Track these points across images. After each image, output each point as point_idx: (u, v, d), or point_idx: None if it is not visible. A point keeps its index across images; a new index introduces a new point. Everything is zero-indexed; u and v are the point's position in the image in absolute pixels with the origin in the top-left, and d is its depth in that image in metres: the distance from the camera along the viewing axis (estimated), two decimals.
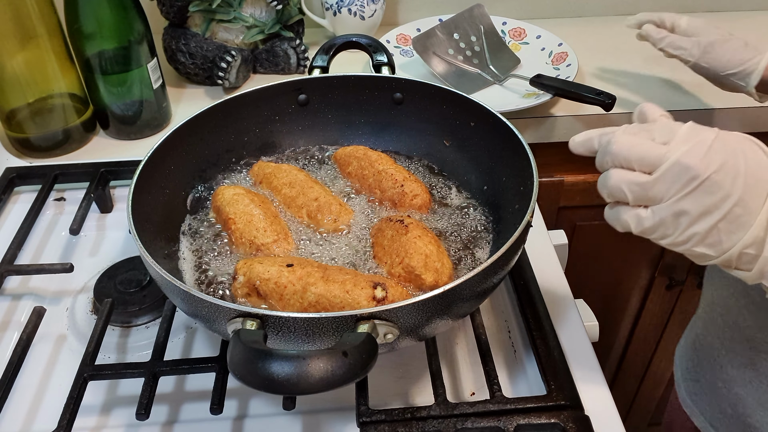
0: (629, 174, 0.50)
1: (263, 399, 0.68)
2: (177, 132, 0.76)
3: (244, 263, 0.65)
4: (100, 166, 0.92)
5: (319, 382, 0.46)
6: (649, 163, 0.49)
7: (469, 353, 0.72)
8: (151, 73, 1.02)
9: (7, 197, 0.93)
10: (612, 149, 0.51)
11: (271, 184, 0.79)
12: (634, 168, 0.50)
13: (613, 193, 0.52)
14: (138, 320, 0.75)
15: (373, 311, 0.52)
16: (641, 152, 0.49)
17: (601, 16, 1.41)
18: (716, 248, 0.49)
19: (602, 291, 1.39)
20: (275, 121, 0.86)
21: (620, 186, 0.51)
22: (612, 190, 0.52)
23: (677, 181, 0.48)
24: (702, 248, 0.50)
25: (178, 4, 1.11)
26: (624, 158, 0.50)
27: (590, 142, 0.55)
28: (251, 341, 0.49)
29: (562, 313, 0.75)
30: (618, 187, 0.51)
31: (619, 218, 0.53)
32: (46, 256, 0.87)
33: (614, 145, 0.51)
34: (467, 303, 0.60)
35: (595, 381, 0.67)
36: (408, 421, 0.59)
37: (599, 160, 0.53)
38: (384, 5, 1.29)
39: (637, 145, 0.50)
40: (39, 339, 0.72)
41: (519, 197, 0.69)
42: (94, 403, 0.68)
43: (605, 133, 0.53)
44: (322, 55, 0.89)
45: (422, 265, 0.64)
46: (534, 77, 1.09)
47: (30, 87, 0.99)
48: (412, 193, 0.76)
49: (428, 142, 0.85)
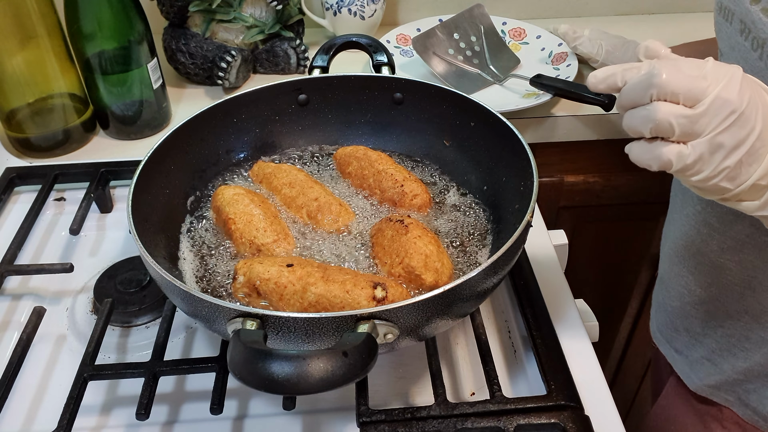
0: (677, 107, 0.49)
1: (263, 399, 0.68)
2: (177, 132, 0.76)
3: (244, 263, 0.65)
4: (100, 166, 0.92)
5: (319, 382, 0.46)
6: (694, 96, 0.48)
7: (469, 353, 0.72)
8: (151, 73, 1.02)
9: (7, 197, 0.93)
10: (660, 81, 0.49)
11: (271, 184, 0.79)
12: (679, 101, 0.49)
13: (660, 126, 0.49)
14: (138, 320, 0.75)
15: (373, 311, 0.52)
16: (688, 84, 0.48)
17: (600, 16, 1.41)
18: (735, 181, 0.50)
19: (602, 291, 1.39)
20: (275, 121, 0.86)
21: (669, 119, 0.49)
22: (660, 124, 0.49)
23: (719, 115, 0.48)
24: (725, 182, 0.50)
25: (178, 4, 1.11)
26: (672, 90, 0.49)
27: (613, 78, 0.53)
28: (251, 341, 0.49)
29: (562, 313, 0.75)
30: (667, 120, 0.49)
31: (660, 155, 0.50)
32: (46, 256, 0.87)
33: (661, 77, 0.49)
34: (467, 303, 0.60)
35: (595, 381, 0.67)
36: (408, 421, 0.59)
37: (636, 95, 0.51)
38: (384, 5, 1.29)
39: (683, 77, 0.49)
40: (39, 339, 0.72)
41: (519, 197, 0.69)
42: (94, 403, 0.68)
43: (629, 69, 0.52)
44: (322, 55, 0.89)
45: (422, 265, 0.64)
46: (534, 77, 1.09)
47: (30, 87, 0.99)
48: (412, 193, 0.76)
49: (428, 142, 0.85)
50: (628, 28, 1.24)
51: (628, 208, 1.25)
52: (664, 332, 0.91)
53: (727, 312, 0.78)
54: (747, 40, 0.64)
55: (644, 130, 0.50)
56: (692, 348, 0.85)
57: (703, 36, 1.02)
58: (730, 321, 0.78)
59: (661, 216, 1.24)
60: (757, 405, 0.78)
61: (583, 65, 1.16)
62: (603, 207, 1.24)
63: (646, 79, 0.50)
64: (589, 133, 1.11)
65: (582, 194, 1.21)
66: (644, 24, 1.37)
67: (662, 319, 0.91)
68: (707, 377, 0.83)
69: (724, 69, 0.49)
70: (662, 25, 1.37)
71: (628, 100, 0.52)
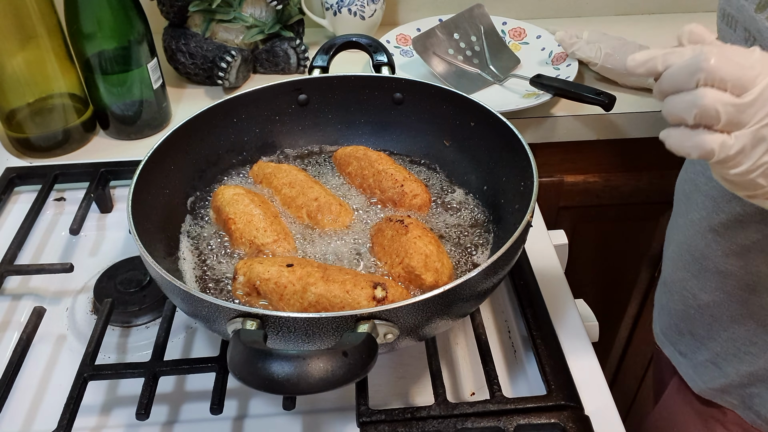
0: (725, 94, 0.47)
1: (263, 399, 0.68)
2: (177, 132, 0.76)
3: (244, 263, 0.65)
4: (100, 166, 0.92)
5: (319, 382, 0.46)
6: (742, 85, 0.47)
7: (469, 353, 0.72)
8: (151, 73, 1.02)
9: (7, 197, 0.93)
10: (710, 66, 0.47)
11: (271, 184, 0.79)
12: (727, 89, 0.47)
13: (706, 112, 0.47)
14: (138, 320, 0.75)
15: (373, 311, 0.52)
16: (738, 72, 0.47)
17: (600, 16, 1.41)
18: None
19: (602, 291, 1.39)
20: (275, 121, 0.86)
21: (716, 106, 0.47)
22: (706, 110, 0.47)
23: (765, 107, 0.47)
24: (761, 178, 0.49)
25: (178, 4, 1.11)
26: (720, 77, 0.47)
27: (653, 61, 0.51)
28: (251, 341, 0.49)
29: (562, 313, 0.75)
30: (714, 107, 0.47)
31: (702, 143, 0.48)
32: (46, 256, 0.87)
33: (710, 62, 0.47)
34: (467, 303, 0.60)
35: (595, 381, 0.67)
36: (408, 421, 0.59)
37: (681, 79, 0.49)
38: (384, 5, 1.29)
39: (731, 64, 0.47)
40: (39, 339, 0.72)
41: (519, 197, 0.69)
42: (94, 403, 0.68)
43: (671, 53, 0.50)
44: (322, 55, 0.89)
45: (422, 265, 0.64)
46: (534, 77, 1.09)
47: (30, 87, 0.99)
48: (412, 193, 0.76)
49: (428, 142, 0.85)
50: (628, 28, 1.25)
51: (628, 208, 1.25)
52: (668, 335, 0.90)
53: (731, 317, 0.77)
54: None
55: (688, 117, 0.48)
56: (696, 351, 0.84)
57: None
58: (735, 326, 0.77)
59: (661, 216, 1.25)
60: (760, 409, 0.78)
61: (583, 66, 1.16)
62: (603, 207, 1.24)
63: (694, 63, 0.47)
64: (589, 133, 1.11)
65: (582, 194, 1.21)
66: (644, 24, 1.37)
67: (666, 322, 0.91)
68: (711, 381, 0.82)
69: None
70: (662, 25, 1.37)
71: (670, 84, 0.50)
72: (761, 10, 0.61)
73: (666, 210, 0.91)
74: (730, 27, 0.67)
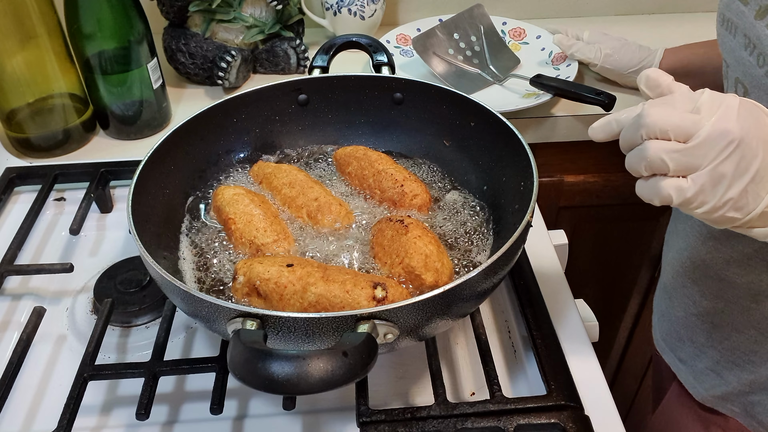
0: (667, 143, 0.49)
1: (263, 399, 0.68)
2: (177, 132, 0.76)
3: (244, 263, 0.65)
4: (100, 166, 0.92)
5: (319, 382, 0.46)
6: (685, 131, 0.49)
7: (469, 353, 0.72)
8: (151, 73, 1.02)
9: (7, 197, 0.93)
10: (647, 121, 0.50)
11: (271, 184, 0.79)
12: (669, 137, 0.49)
13: (653, 163, 0.50)
14: (138, 320, 0.75)
15: (373, 311, 0.52)
16: (677, 120, 0.49)
17: (600, 16, 1.41)
18: (743, 210, 0.50)
19: (602, 291, 1.39)
20: (275, 121, 0.86)
21: (660, 155, 0.49)
22: (651, 161, 0.50)
23: (716, 146, 0.48)
24: (732, 212, 0.50)
25: (178, 4, 1.11)
26: (660, 128, 0.49)
27: (609, 125, 0.54)
28: (251, 341, 0.49)
29: (562, 313, 0.75)
30: (658, 157, 0.49)
31: (658, 191, 0.51)
32: (46, 256, 0.87)
33: (648, 117, 0.50)
34: (467, 303, 0.60)
35: (595, 381, 0.67)
36: (408, 421, 0.59)
37: (629, 137, 0.52)
38: (384, 5, 1.29)
39: (670, 114, 0.49)
40: (39, 339, 0.72)
41: (519, 197, 0.69)
42: (94, 403, 0.68)
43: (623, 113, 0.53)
44: (322, 55, 0.89)
45: (422, 265, 0.64)
46: (534, 77, 1.09)
47: (30, 87, 0.99)
48: (412, 193, 0.76)
49: (428, 142, 0.85)
50: (628, 28, 1.25)
51: (628, 208, 1.25)
52: (668, 341, 0.90)
53: (732, 325, 0.77)
54: (752, 55, 0.63)
55: (640, 169, 0.51)
56: (697, 358, 0.84)
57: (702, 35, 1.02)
58: (736, 334, 0.77)
59: (661, 216, 1.25)
60: (762, 417, 0.78)
61: (583, 66, 1.16)
62: (603, 207, 1.24)
63: (636, 121, 0.51)
64: None
65: (582, 194, 1.21)
66: (644, 24, 1.37)
67: (666, 328, 0.91)
68: (712, 388, 0.82)
69: (718, 99, 0.49)
70: (662, 25, 1.37)
71: (625, 142, 0.53)
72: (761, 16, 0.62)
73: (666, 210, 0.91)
74: (730, 32, 0.67)
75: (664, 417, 0.95)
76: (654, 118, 0.50)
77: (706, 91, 0.51)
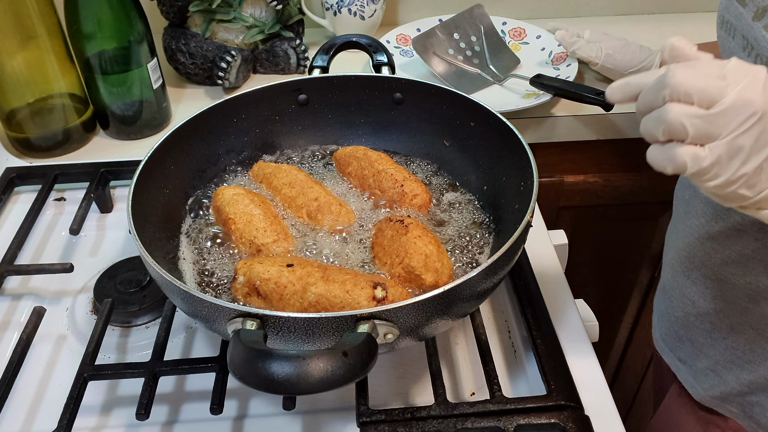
0: (689, 107, 0.47)
1: (263, 399, 0.68)
2: (177, 132, 0.76)
3: (244, 263, 0.65)
4: (100, 166, 0.92)
5: (319, 382, 0.46)
6: (710, 96, 0.47)
7: (469, 353, 0.72)
8: (151, 73, 1.02)
9: (7, 197, 0.93)
10: (672, 81, 0.47)
11: (271, 184, 0.79)
12: (693, 102, 0.47)
13: (672, 127, 0.48)
14: (138, 320, 0.75)
15: (373, 311, 0.52)
16: (702, 83, 0.47)
17: (600, 16, 1.41)
18: (755, 188, 0.49)
19: (602, 291, 1.39)
20: (275, 121, 0.86)
21: (680, 119, 0.47)
22: (671, 125, 0.47)
23: (738, 116, 0.46)
24: (744, 189, 0.49)
25: (178, 4, 1.11)
26: (685, 90, 0.47)
27: (628, 86, 0.52)
28: (251, 341, 0.49)
29: (562, 313, 0.75)
30: (678, 121, 0.47)
31: (674, 157, 0.48)
32: (46, 256, 0.87)
33: (674, 78, 0.47)
34: (467, 303, 0.60)
35: (595, 381, 0.67)
36: (408, 421, 0.59)
37: (650, 98, 0.50)
38: (384, 5, 1.29)
39: (696, 76, 0.47)
40: (39, 339, 0.72)
41: (519, 197, 0.69)
42: (94, 403, 0.68)
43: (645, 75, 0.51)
44: (322, 55, 0.89)
45: (422, 265, 0.64)
46: (534, 77, 1.09)
47: (30, 87, 0.99)
48: (412, 193, 0.76)
49: (428, 142, 0.85)
50: (628, 28, 1.25)
51: (628, 208, 1.25)
52: (668, 341, 0.90)
53: (731, 325, 0.77)
54: (750, 57, 0.63)
55: (657, 133, 0.49)
56: (696, 358, 0.84)
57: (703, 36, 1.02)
58: (735, 334, 0.77)
59: (661, 216, 1.25)
60: (760, 418, 0.78)
61: (583, 65, 1.16)
62: (603, 207, 1.24)
63: (659, 81, 0.48)
64: (589, 133, 1.11)
65: (582, 194, 1.21)
66: (644, 24, 1.37)
67: (665, 328, 0.91)
68: (711, 388, 0.82)
69: (745, 68, 0.47)
70: (662, 25, 1.37)
71: (643, 104, 0.51)
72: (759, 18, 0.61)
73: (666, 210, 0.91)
74: (729, 34, 0.67)
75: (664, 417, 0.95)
76: (680, 79, 0.47)
77: (734, 59, 0.49)
